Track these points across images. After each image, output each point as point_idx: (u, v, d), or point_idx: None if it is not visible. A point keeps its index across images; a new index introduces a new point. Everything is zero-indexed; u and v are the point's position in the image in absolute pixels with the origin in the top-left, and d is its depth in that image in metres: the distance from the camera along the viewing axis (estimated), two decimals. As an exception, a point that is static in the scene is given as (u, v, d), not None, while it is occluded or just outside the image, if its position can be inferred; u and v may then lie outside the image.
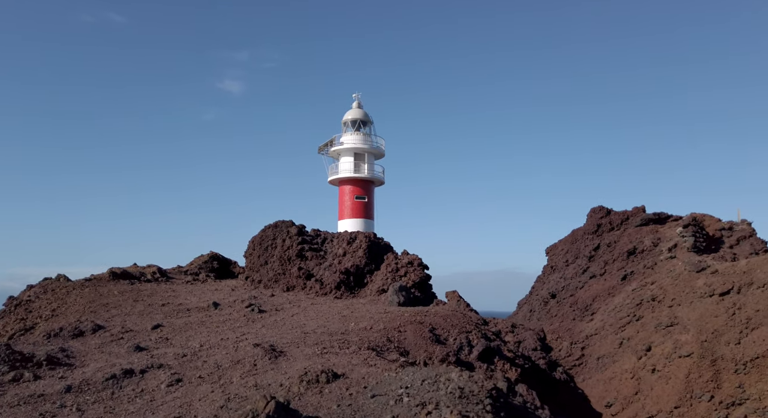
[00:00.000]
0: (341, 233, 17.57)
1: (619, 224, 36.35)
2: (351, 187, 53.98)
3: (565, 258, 38.45)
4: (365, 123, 56.48)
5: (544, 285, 38.33)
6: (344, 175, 53.51)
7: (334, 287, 15.29)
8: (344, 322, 10.72)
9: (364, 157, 55.23)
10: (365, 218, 54.15)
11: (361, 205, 53.98)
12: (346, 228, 54.98)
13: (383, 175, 55.46)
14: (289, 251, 16.87)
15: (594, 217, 37.45)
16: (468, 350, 9.08)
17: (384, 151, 56.00)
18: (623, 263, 32.79)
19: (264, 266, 17.43)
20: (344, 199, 54.36)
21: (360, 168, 54.61)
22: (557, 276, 37.80)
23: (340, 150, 55.13)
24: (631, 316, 29.05)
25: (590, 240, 37.17)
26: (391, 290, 13.33)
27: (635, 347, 28.60)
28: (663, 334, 27.47)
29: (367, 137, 55.92)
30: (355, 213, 54.39)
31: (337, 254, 16.46)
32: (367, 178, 53.69)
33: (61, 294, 14.82)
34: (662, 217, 34.45)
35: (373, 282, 15.19)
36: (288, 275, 16.49)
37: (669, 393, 25.71)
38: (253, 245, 18.19)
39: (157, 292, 15.55)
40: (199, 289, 16.81)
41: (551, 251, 40.42)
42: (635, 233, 34.00)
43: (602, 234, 36.70)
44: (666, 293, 28.23)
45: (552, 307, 34.99)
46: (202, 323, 11.58)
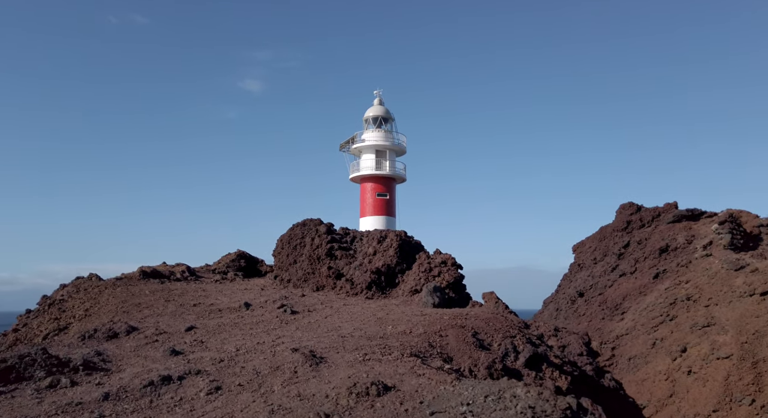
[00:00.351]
0: (371, 232, 17.16)
1: (650, 220, 35.29)
2: (372, 185, 53.68)
3: (593, 256, 37.52)
4: (387, 120, 56.06)
5: (571, 283, 37.45)
6: (366, 172, 53.24)
7: (365, 286, 14.89)
8: (381, 325, 10.31)
9: (385, 155, 54.87)
10: (387, 215, 53.80)
11: (382, 202, 53.65)
12: (367, 225, 54.74)
13: (405, 172, 54.88)
14: (318, 250, 16.52)
15: (624, 213, 36.45)
16: (514, 356, 8.59)
17: (405, 148, 55.44)
18: (655, 261, 31.79)
19: (293, 265, 17.12)
20: (366, 196, 54.10)
21: (381, 165, 54.24)
22: (585, 274, 36.88)
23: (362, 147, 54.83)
24: (665, 316, 28.07)
25: (620, 237, 36.18)
26: (425, 291, 12.88)
27: (669, 348, 27.54)
28: (699, 335, 26.40)
29: (388, 134, 55.55)
30: (376, 210, 54.10)
31: (367, 253, 16.06)
32: (389, 175, 53.29)
33: (94, 294, 14.72)
34: (696, 213, 33.30)
35: (405, 282, 14.75)
36: (317, 275, 16.15)
37: (706, 396, 24.61)
38: (282, 244, 17.90)
39: (188, 291, 15.36)
40: (228, 288, 16.58)
41: (578, 249, 39.49)
42: (667, 230, 32.94)
43: (632, 231, 35.68)
44: (702, 293, 27.17)
45: (580, 306, 34.16)
46: (235, 324, 11.29)
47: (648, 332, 28.22)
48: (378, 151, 51.70)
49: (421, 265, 14.59)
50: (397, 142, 52.48)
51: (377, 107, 52.95)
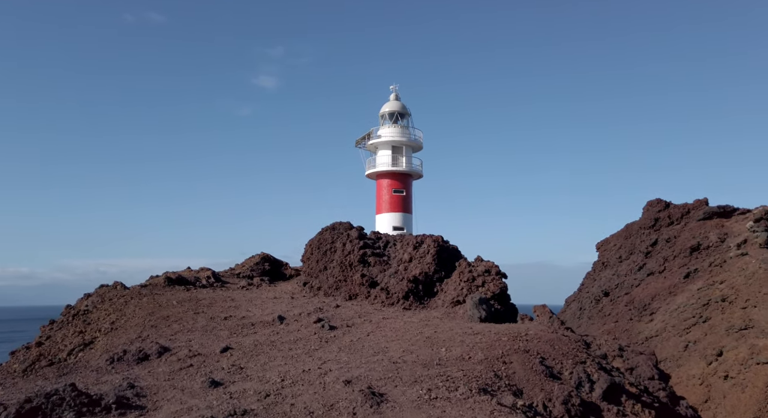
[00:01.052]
0: (405, 237, 16.13)
1: (679, 217, 33.91)
2: (389, 181, 52.37)
3: (618, 254, 36.22)
4: (403, 115, 54.60)
5: (595, 282, 36.21)
6: (382, 168, 51.89)
7: (402, 296, 13.90)
8: (432, 346, 9.32)
9: (402, 150, 53.53)
10: (403, 212, 52.56)
11: (399, 199, 52.41)
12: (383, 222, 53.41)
13: (421, 168, 53.40)
14: (350, 256, 15.54)
15: (651, 210, 35.08)
16: (589, 386, 7.56)
17: (422, 144, 53.90)
18: (685, 260, 30.45)
19: (323, 272, 16.15)
20: (382, 193, 52.84)
21: (398, 161, 52.93)
22: (609, 273, 35.62)
23: (378, 143, 53.46)
24: (698, 317, 26.76)
25: (647, 235, 34.84)
26: (470, 303, 11.86)
27: (704, 352, 26.23)
28: (736, 338, 25.09)
29: (404, 130, 54.12)
30: (392, 207, 52.86)
31: (402, 260, 15.05)
32: (405, 171, 51.94)
33: (119, 304, 13.86)
34: (728, 210, 31.86)
35: (445, 292, 13.74)
36: (350, 282, 15.18)
37: (745, 403, 23.33)
38: (311, 249, 16.92)
39: (216, 301, 14.46)
40: (257, 296, 15.67)
41: (602, 247, 38.20)
42: (698, 227, 31.55)
43: (660, 229, 34.32)
44: (738, 294, 25.82)
45: (605, 305, 32.93)
46: (272, 343, 10.35)
47: (680, 334, 26.99)
48: (394, 147, 50.50)
49: (462, 273, 13.56)
50: (413, 138, 51.24)
51: (393, 102, 51.68)
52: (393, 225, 50.51)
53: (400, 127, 54.34)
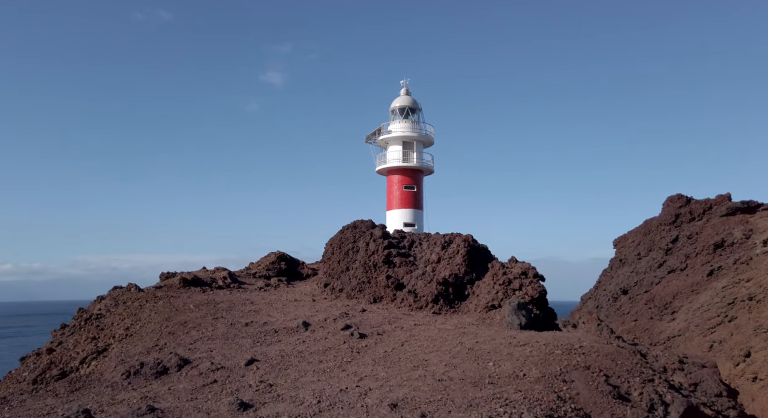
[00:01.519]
0: (432, 236, 15.16)
1: (701, 213, 32.75)
2: (399, 177, 51.29)
3: (637, 251, 35.12)
4: (414, 110, 53.38)
5: (613, 279, 35.15)
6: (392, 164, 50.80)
7: (431, 299, 12.96)
8: (477, 359, 8.38)
9: (412, 146, 52.41)
10: (414, 208, 51.47)
11: (410, 194, 51.28)
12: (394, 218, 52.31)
13: (432, 164, 52.32)
14: (374, 257, 14.60)
15: (672, 206, 33.92)
16: (663, 410, 6.61)
17: (433, 139, 52.88)
18: (708, 257, 29.35)
19: (345, 273, 15.22)
20: (392, 189, 51.76)
21: (409, 157, 51.80)
22: (627, 270, 34.55)
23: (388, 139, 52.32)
24: (723, 316, 25.65)
25: (667, 231, 33.71)
26: (508, 309, 10.90)
27: (730, 352, 25.13)
28: (765, 338, 23.98)
29: (415, 125, 52.92)
30: (403, 203, 51.78)
31: (429, 261, 14.09)
32: (416, 167, 50.87)
33: (134, 308, 13.00)
34: (752, 205, 30.69)
35: (477, 295, 12.78)
36: (374, 284, 14.25)
37: (779, 406, 22.14)
38: (332, 249, 15.99)
39: (235, 304, 13.58)
40: (276, 299, 14.78)
41: (620, 243, 37.11)
42: (721, 223, 30.41)
43: (681, 225, 33.17)
44: (766, 292, 24.72)
45: (623, 303, 31.88)
46: (299, 354, 9.45)
47: (704, 334, 25.91)
48: (405, 143, 49.43)
49: (495, 275, 12.60)
50: (424, 133, 50.12)
51: (404, 97, 50.51)
52: (404, 221, 49.50)
53: (411, 123, 53.17)
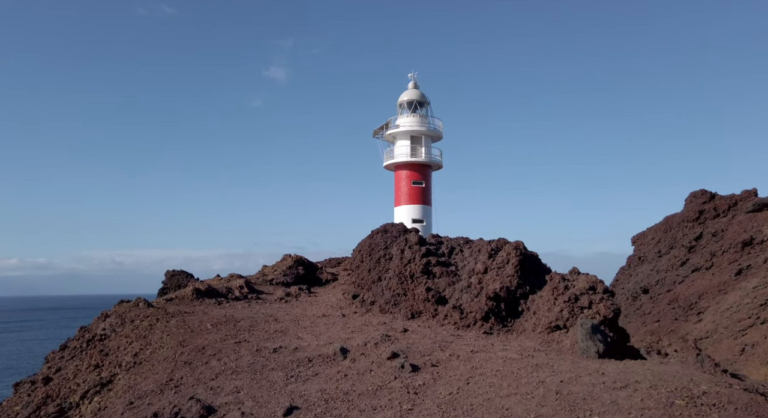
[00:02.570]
0: (475, 242, 13.22)
1: (726, 210, 30.92)
2: (407, 172, 49.11)
3: (657, 248, 33.28)
4: (422, 104, 51.08)
5: (631, 278, 33.33)
6: (400, 159, 48.58)
7: (480, 317, 11.05)
8: (571, 409, 6.49)
9: (421, 141, 50.18)
10: (423, 204, 49.32)
11: (418, 190, 49.18)
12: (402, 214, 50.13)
13: (441, 159, 50.15)
14: (411, 266, 12.67)
15: (695, 202, 32.07)
16: None
17: (442, 134, 50.59)
18: (736, 255, 27.53)
19: (377, 284, 13.30)
20: (400, 184, 49.60)
21: (417, 152, 49.58)
22: (647, 268, 32.74)
23: (396, 133, 50.08)
24: (754, 318, 23.78)
25: (690, 228, 31.87)
26: (581, 332, 9.01)
27: (764, 356, 23.18)
28: (801, 341, 22.13)
29: (423, 119, 50.70)
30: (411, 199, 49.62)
31: (474, 271, 12.16)
32: (425, 162, 48.62)
33: (143, 329, 11.05)
34: (781, 202, 28.88)
35: (534, 313, 10.88)
36: (411, 298, 12.33)
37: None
38: (361, 256, 14.04)
39: (257, 322, 11.65)
40: (301, 313, 12.86)
41: (639, 240, 35.28)
42: (748, 220, 28.58)
43: (705, 221, 31.33)
44: (804, 294, 22.87)
45: (644, 303, 30.05)
46: (345, 396, 7.54)
47: (734, 336, 24.09)
48: (413, 137, 47.26)
49: (556, 290, 10.69)
50: (432, 127, 47.98)
51: (412, 91, 48.28)
52: (412, 217, 47.45)
53: (419, 117, 50.86)
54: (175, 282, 40.26)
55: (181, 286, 39.78)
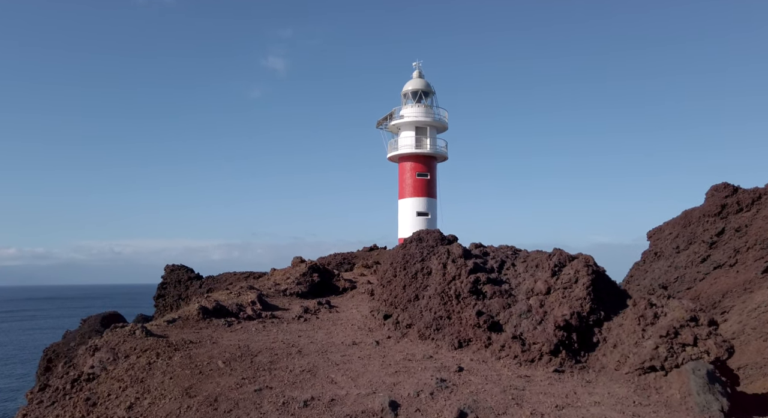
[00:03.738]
0: (530, 255, 10.95)
1: (750, 204, 28.90)
2: (412, 164, 46.43)
3: (675, 244, 31.28)
4: (427, 94, 48.22)
5: (647, 274, 31.38)
6: (405, 151, 45.87)
7: (549, 350, 8.85)
8: None
9: (426, 131, 47.36)
10: (427, 197, 46.75)
11: (423, 182, 46.57)
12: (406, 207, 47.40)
13: (446, 150, 47.50)
14: (456, 284, 10.42)
15: (717, 196, 30.06)
16: None
17: (447, 124, 47.87)
18: (762, 252, 25.53)
19: (414, 303, 11.04)
20: (405, 176, 46.88)
21: (422, 143, 46.77)
22: (664, 264, 30.79)
23: (400, 124, 47.27)
24: (785, 318, 21.88)
25: (711, 223, 29.87)
26: (695, 382, 6.87)
27: (793, 358, 21.01)
28: (838, 344, 20.15)
29: (429, 109, 47.88)
30: (416, 191, 47.04)
31: (534, 291, 9.94)
32: (430, 153, 45.97)
33: (140, 368, 8.73)
34: (809, 196, 26.91)
35: (612, 345, 8.71)
36: (458, 322, 10.09)
37: None
38: (393, 269, 11.74)
39: (278, 356, 9.38)
40: (327, 340, 10.59)
41: (655, 235, 33.31)
42: (775, 215, 26.64)
43: (727, 216, 29.38)
44: (838, 294, 20.93)
45: (663, 299, 28.20)
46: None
47: (763, 338, 22.15)
48: (418, 128, 44.63)
49: (643, 319, 8.52)
50: (438, 117, 45.32)
51: (417, 80, 45.49)
52: (417, 210, 44.97)
53: (423, 107, 47.99)
54: (174, 277, 37.71)
55: (180, 281, 37.23)
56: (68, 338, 38.36)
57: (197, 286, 35.43)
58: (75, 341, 37.19)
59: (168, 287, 37.09)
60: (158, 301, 36.67)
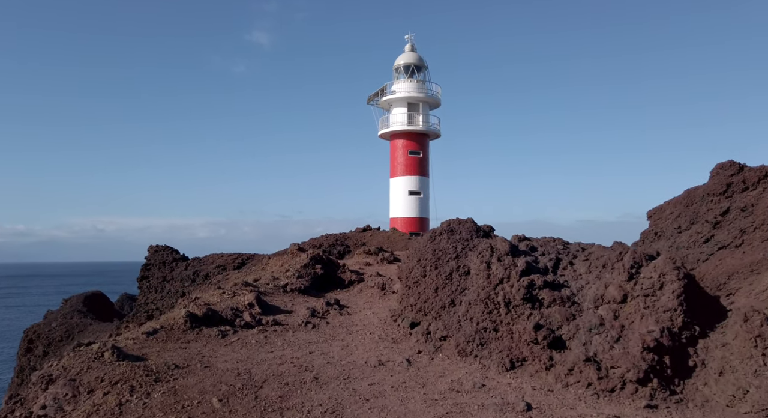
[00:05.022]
0: (593, 252, 8.70)
1: (756, 182, 27.05)
2: (404, 141, 43.66)
3: (677, 223, 29.58)
4: (420, 69, 45.12)
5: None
6: (397, 128, 42.98)
7: (636, 378, 6.73)
8: None
9: (418, 108, 44.49)
10: (420, 176, 44.28)
11: (415, 160, 44.00)
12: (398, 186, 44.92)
13: (439, 127, 44.65)
14: (504, 288, 8.17)
15: (722, 174, 28.15)
16: None
17: (440, 101, 44.91)
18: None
19: (449, 310, 8.76)
20: (396, 154, 44.13)
21: (414, 120, 43.92)
22: (665, 244, 29.17)
23: (392, 100, 44.20)
24: (794, 300, 20.41)
25: (715, 203, 28.18)
26: None
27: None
28: None
29: (421, 85, 44.88)
30: (408, 170, 44.47)
31: (605, 299, 7.76)
32: (422, 131, 43.17)
33: (109, 408, 6.30)
34: (817, 176, 25.34)
35: (718, 372, 6.65)
36: (508, 337, 7.89)
37: None
38: (422, 268, 9.37)
39: (290, 387, 7.07)
40: (346, 358, 8.28)
41: (655, 215, 31.63)
42: (782, 195, 25.08)
43: (733, 195, 27.78)
44: None
45: (663, 279, 26.68)
46: None
47: (773, 320, 20.70)
48: (410, 104, 41.93)
49: (762, 339, 6.45)
50: (431, 93, 42.54)
51: (409, 54, 42.45)
52: (409, 189, 42.48)
53: (416, 82, 45.07)
54: (159, 258, 34.67)
55: (165, 262, 34.29)
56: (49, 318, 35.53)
57: (182, 268, 32.65)
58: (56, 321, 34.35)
59: (152, 269, 34.20)
60: (142, 282, 33.85)
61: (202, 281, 30.68)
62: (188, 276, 32.36)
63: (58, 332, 32.24)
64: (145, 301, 32.54)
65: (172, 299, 29.91)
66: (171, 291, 32.22)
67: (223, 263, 31.58)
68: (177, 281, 32.98)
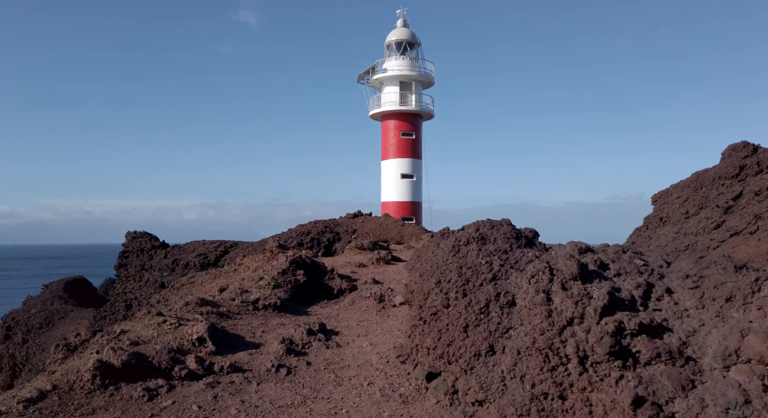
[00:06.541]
0: (712, 270, 5.52)
1: (771, 166, 24.53)
2: (396, 122, 39.36)
3: (684, 208, 26.66)
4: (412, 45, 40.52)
5: (651, 241, 27.04)
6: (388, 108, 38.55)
7: None
8: None
9: (411, 87, 40.21)
10: (412, 158, 40.28)
11: (407, 142, 39.96)
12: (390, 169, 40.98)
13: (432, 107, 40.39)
14: (575, 332, 5.01)
15: (735, 156, 25.07)
16: None
17: (434, 79, 40.72)
18: (788, 219, 21.42)
19: (485, 360, 5.57)
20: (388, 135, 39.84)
21: (407, 99, 39.65)
22: (671, 230, 26.28)
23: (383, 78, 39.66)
24: (818, 291, 17.52)
25: (727, 186, 25.30)
26: None
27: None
28: None
29: (414, 62, 40.43)
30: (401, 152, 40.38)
31: (745, 355, 4.67)
32: (415, 111, 38.87)
33: None
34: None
35: None
36: (587, 412, 4.76)
37: None
38: (443, 292, 5.99)
39: None
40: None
41: (661, 199, 28.78)
42: (802, 179, 22.31)
43: (746, 179, 24.93)
44: None
45: (669, 267, 23.99)
46: None
47: (794, 312, 17.95)
48: (402, 83, 38.06)
49: None
50: (424, 71, 38.70)
51: (401, 30, 38.34)
52: (401, 172, 39.01)
53: (408, 60, 40.97)
54: (137, 246, 30.92)
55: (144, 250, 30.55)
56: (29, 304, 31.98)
57: (162, 255, 29.13)
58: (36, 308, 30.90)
59: (130, 256, 30.65)
60: (120, 270, 30.38)
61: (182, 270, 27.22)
62: (167, 265, 28.81)
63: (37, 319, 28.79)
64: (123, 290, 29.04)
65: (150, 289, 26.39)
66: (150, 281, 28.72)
67: (205, 252, 28.11)
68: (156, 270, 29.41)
